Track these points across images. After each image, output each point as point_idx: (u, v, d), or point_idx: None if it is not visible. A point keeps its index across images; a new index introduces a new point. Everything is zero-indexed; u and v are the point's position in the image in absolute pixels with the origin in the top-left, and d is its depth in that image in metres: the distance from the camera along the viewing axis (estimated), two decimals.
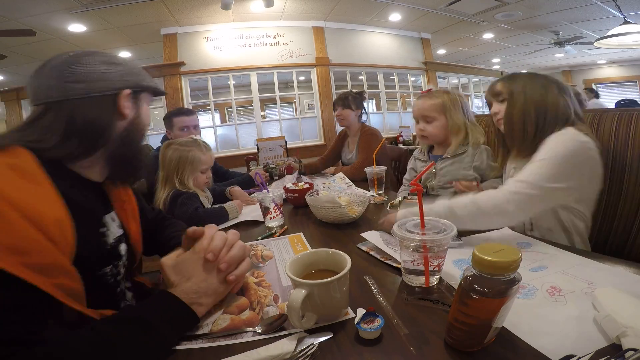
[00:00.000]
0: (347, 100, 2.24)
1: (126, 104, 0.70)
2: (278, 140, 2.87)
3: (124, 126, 0.71)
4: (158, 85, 0.81)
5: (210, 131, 4.88)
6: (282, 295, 0.68)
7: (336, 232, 1.05)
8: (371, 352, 0.48)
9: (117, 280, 0.71)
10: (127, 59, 0.74)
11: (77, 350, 0.45)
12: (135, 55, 5.20)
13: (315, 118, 5.17)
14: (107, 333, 0.48)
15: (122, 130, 0.71)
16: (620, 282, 0.61)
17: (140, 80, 0.73)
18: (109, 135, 0.68)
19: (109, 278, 0.67)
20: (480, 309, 0.43)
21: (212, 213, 1.32)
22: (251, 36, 4.70)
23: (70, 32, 3.96)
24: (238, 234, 0.71)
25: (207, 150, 1.45)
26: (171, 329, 0.54)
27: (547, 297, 0.58)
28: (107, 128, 0.67)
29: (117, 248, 0.72)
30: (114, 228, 0.74)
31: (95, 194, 0.71)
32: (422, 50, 5.77)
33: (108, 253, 0.69)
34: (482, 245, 0.44)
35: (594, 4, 4.26)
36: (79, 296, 0.54)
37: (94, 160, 0.69)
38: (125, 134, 0.71)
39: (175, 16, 4.13)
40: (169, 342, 0.53)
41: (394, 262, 0.76)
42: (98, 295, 0.60)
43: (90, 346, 0.46)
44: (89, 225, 0.62)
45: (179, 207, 1.30)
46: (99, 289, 0.63)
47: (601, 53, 6.89)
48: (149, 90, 0.78)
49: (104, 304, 0.61)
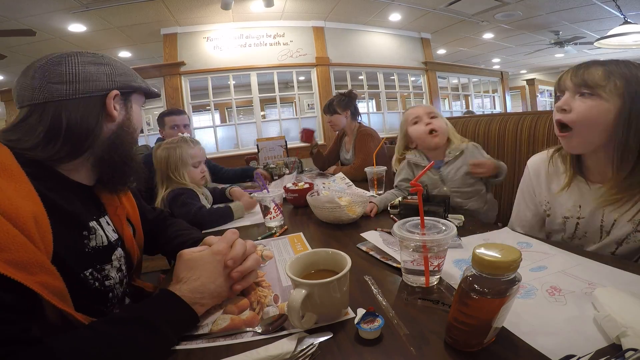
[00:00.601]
0: (332, 107, 2.26)
1: (115, 106, 0.68)
2: (278, 140, 2.87)
3: (112, 129, 0.69)
4: (149, 86, 0.79)
5: (210, 131, 4.89)
6: (282, 295, 0.68)
7: (336, 232, 1.05)
8: (371, 352, 0.48)
9: (107, 286, 0.66)
10: (115, 59, 0.72)
11: (77, 348, 0.45)
12: (135, 55, 5.20)
13: (315, 118, 5.17)
14: (108, 332, 0.48)
15: (111, 133, 0.69)
16: (620, 282, 0.61)
17: (129, 80, 0.71)
18: (95, 138, 0.66)
19: (91, 282, 0.63)
20: (480, 309, 0.43)
21: (217, 212, 1.30)
22: (251, 36, 4.70)
23: (70, 32, 3.96)
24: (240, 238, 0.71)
25: (194, 144, 1.46)
26: (172, 329, 0.54)
27: (547, 297, 0.58)
28: (94, 130, 0.65)
29: (105, 252, 0.69)
30: (108, 232, 0.72)
31: (82, 196, 0.68)
32: (422, 50, 5.77)
33: (90, 256, 0.64)
34: (482, 245, 0.44)
35: (594, 4, 4.26)
36: (63, 296, 0.52)
37: (80, 163, 0.67)
38: (114, 137, 0.69)
39: (175, 16, 4.13)
40: (169, 341, 0.53)
41: (394, 262, 0.76)
42: (84, 298, 0.59)
43: (90, 345, 0.46)
44: (69, 226, 0.60)
45: (181, 207, 1.29)
46: (84, 291, 0.60)
47: (601, 53, 6.88)
48: (140, 91, 0.76)
49: (92, 308, 0.60)
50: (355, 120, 2.31)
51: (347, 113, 2.26)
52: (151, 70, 4.48)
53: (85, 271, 0.62)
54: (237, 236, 0.70)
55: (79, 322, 0.53)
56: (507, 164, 1.49)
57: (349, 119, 2.28)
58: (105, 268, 0.67)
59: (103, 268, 0.67)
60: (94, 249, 0.65)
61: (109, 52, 4.85)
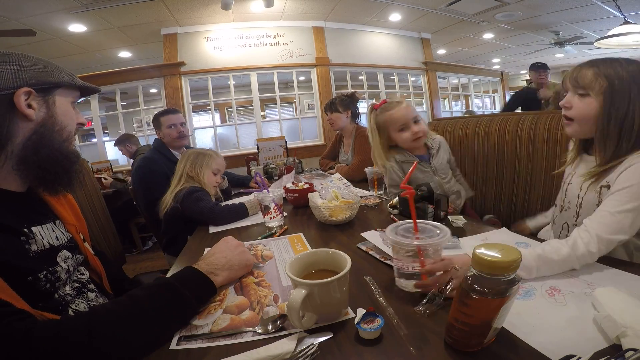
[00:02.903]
0: (334, 105, 2.28)
1: (30, 104, 0.63)
2: (278, 140, 2.87)
3: (31, 128, 0.64)
4: (77, 80, 0.73)
5: (210, 131, 4.88)
6: (282, 295, 0.68)
7: (336, 232, 1.05)
8: (371, 352, 0.48)
9: (56, 287, 0.66)
10: (31, 55, 0.67)
11: (113, 310, 0.55)
12: (136, 56, 5.20)
13: (315, 118, 5.17)
14: (139, 296, 0.58)
15: (31, 133, 0.65)
16: (619, 282, 0.61)
17: (44, 76, 0.66)
18: (6, 140, 0.62)
19: (43, 284, 0.62)
20: (480, 309, 0.43)
21: (232, 209, 1.34)
22: (251, 36, 4.70)
23: (70, 32, 3.96)
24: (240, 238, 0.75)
25: (218, 156, 1.61)
26: (191, 293, 0.62)
27: (547, 297, 0.58)
28: (1, 132, 0.61)
29: (48, 255, 0.67)
30: (50, 236, 0.70)
31: (14, 204, 0.65)
32: (422, 50, 5.77)
33: (35, 260, 0.63)
34: (482, 245, 0.44)
35: (594, 4, 4.26)
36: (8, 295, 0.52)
37: (1, 169, 0.63)
38: (35, 138, 0.65)
39: (176, 16, 4.12)
40: (190, 303, 0.62)
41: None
42: (37, 299, 0.59)
43: (121, 304, 0.56)
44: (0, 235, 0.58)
45: (196, 202, 1.33)
46: (34, 293, 0.60)
47: (601, 53, 6.86)
48: (68, 87, 0.71)
49: (48, 307, 0.60)
50: (355, 122, 2.33)
51: (348, 113, 2.28)
52: (151, 71, 4.48)
53: (39, 274, 0.62)
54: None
55: (27, 315, 0.52)
56: (507, 164, 1.50)
57: (349, 119, 2.29)
58: (57, 270, 0.67)
59: (55, 270, 0.66)
60: (37, 253, 0.64)
61: (109, 52, 4.86)
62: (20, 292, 0.54)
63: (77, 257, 0.77)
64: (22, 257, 0.61)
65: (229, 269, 0.75)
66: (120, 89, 4.58)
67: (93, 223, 1.47)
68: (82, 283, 0.76)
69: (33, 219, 0.68)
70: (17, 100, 0.61)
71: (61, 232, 0.75)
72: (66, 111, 0.71)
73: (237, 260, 0.77)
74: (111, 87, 4.45)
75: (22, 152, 0.64)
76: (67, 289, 0.70)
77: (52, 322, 0.51)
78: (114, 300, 0.58)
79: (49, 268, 0.64)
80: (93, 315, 0.53)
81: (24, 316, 0.50)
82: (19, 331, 0.46)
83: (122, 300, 0.57)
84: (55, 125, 0.68)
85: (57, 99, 0.69)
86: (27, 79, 0.63)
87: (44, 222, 0.71)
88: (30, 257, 0.62)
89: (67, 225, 0.79)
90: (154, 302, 0.58)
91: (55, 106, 0.68)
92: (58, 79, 0.68)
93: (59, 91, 0.69)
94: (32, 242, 0.64)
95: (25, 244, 0.62)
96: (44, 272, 0.63)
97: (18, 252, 0.60)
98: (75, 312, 0.67)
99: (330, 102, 2.32)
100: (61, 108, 0.69)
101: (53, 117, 0.68)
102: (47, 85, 0.66)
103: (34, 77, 0.64)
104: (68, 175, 0.72)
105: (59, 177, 0.70)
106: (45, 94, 0.66)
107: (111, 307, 0.56)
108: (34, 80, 0.64)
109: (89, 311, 0.56)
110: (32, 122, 0.64)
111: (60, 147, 0.69)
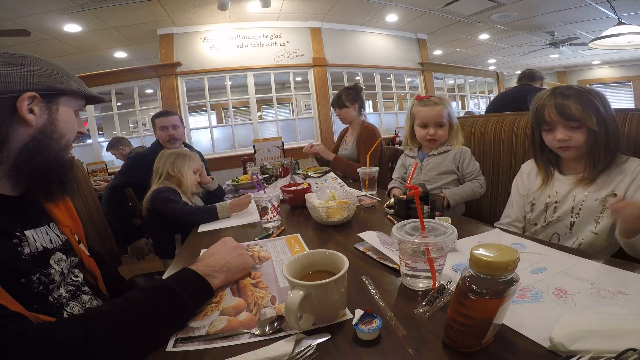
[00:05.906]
0: (340, 100, 2.29)
1: (32, 109, 0.62)
2: (275, 140, 2.86)
3: (29, 134, 0.63)
4: (85, 89, 0.72)
5: (206, 132, 4.86)
6: (279, 297, 0.68)
7: (333, 233, 1.05)
8: (369, 354, 0.48)
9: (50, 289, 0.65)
10: (46, 59, 0.66)
11: (109, 312, 0.54)
12: (131, 56, 5.17)
13: (312, 119, 5.16)
14: (136, 298, 0.57)
15: (29, 138, 0.63)
16: (620, 281, 0.60)
17: (52, 82, 0.65)
18: (3, 143, 0.61)
19: (36, 286, 0.62)
20: (478, 310, 0.43)
21: (201, 210, 1.37)
22: (248, 37, 4.69)
23: (65, 32, 3.93)
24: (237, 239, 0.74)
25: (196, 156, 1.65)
26: (188, 295, 0.62)
27: (555, 299, 0.57)
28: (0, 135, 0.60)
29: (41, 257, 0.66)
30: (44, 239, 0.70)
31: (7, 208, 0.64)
32: (419, 51, 5.79)
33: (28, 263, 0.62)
34: (479, 246, 0.44)
35: (588, 5, 4.30)
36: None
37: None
38: (32, 144, 0.63)
39: (172, 16, 4.11)
40: (187, 305, 0.61)
41: (390, 262, 0.76)
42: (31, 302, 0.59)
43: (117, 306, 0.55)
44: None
45: (164, 203, 1.36)
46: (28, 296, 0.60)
47: (596, 54, 6.94)
48: (74, 95, 0.70)
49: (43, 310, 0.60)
50: (361, 115, 2.34)
51: (356, 106, 2.29)
52: (147, 71, 4.45)
53: (32, 276, 0.61)
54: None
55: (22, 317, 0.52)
56: (503, 165, 1.51)
57: (357, 112, 2.30)
58: (51, 272, 0.66)
59: (49, 272, 0.66)
60: (30, 256, 0.63)
61: (104, 52, 4.83)
62: (14, 295, 0.53)
63: (72, 259, 0.77)
64: (15, 259, 0.60)
65: (227, 271, 0.73)
66: (115, 89, 4.54)
67: (88, 224, 1.46)
68: (76, 286, 0.75)
69: (26, 222, 0.67)
70: (20, 104, 0.61)
71: (56, 234, 0.74)
72: (68, 119, 0.70)
73: (235, 262, 0.76)
74: (107, 88, 4.42)
75: (17, 158, 0.63)
76: (61, 291, 0.69)
77: (47, 324, 0.51)
78: (110, 302, 0.58)
79: (42, 270, 0.64)
80: (89, 317, 0.52)
81: (18, 319, 0.50)
82: (13, 333, 0.46)
83: (118, 302, 0.56)
84: (54, 133, 0.67)
85: (61, 106, 0.68)
86: (34, 84, 0.62)
87: (38, 225, 0.70)
88: (23, 260, 0.62)
89: (61, 226, 0.78)
90: (150, 304, 0.58)
91: (57, 113, 0.67)
92: (65, 86, 0.68)
93: (64, 98, 0.69)
94: (25, 244, 0.63)
95: (17, 247, 0.62)
96: (37, 275, 0.62)
97: (11, 255, 0.60)
98: (69, 314, 0.67)
99: (336, 97, 2.32)
100: (63, 115, 0.69)
101: (53, 124, 0.66)
102: (53, 91, 0.66)
103: (41, 82, 0.64)
104: (62, 185, 0.71)
105: (52, 185, 0.69)
106: (49, 100, 0.66)
107: (107, 308, 0.56)
108: (40, 85, 0.63)
109: (84, 313, 0.56)
110: (31, 127, 0.63)
111: (56, 156, 0.68)
